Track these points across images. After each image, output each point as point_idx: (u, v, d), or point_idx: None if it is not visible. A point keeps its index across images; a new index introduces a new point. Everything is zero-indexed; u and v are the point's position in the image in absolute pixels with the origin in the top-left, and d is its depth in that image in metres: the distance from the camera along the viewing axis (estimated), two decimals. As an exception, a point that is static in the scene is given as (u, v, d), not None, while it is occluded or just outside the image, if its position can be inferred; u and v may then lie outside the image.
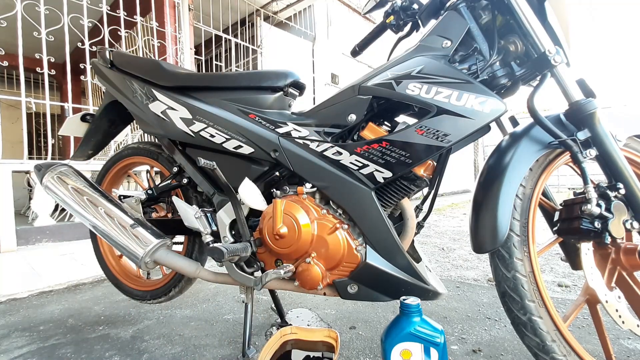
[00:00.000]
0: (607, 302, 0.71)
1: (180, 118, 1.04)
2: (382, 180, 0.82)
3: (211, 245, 0.83)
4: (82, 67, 3.04)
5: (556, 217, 0.80)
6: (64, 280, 1.85)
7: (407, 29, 1.06)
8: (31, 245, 2.57)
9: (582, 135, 0.73)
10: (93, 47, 2.07)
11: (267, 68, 4.45)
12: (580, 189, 0.75)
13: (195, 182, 1.09)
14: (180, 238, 1.29)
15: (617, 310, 0.71)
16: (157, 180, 1.28)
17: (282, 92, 1.00)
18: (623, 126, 0.80)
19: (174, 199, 1.06)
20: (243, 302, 1.04)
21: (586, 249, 0.74)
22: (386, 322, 1.03)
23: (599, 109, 0.72)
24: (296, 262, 0.88)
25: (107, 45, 2.40)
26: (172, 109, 1.05)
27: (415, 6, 1.00)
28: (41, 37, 2.69)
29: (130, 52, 3.22)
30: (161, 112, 1.08)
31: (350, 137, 0.89)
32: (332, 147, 0.85)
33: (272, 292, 1.22)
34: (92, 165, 2.95)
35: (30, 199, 3.09)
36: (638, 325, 0.71)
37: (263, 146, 0.93)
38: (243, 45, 4.47)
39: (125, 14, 3.12)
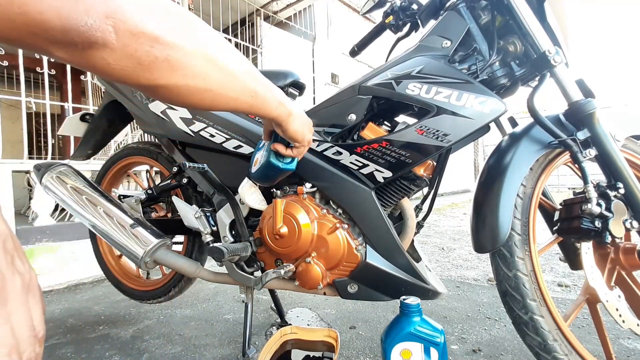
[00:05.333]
0: (607, 301, 0.71)
1: (180, 118, 1.04)
2: (382, 180, 0.82)
3: (211, 245, 0.83)
4: (82, 67, 3.03)
5: (556, 217, 0.80)
6: (64, 280, 1.85)
7: (406, 29, 1.05)
8: (31, 245, 2.57)
9: (582, 135, 0.73)
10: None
11: (267, 68, 4.45)
12: (579, 188, 0.75)
13: (195, 182, 1.09)
14: (180, 238, 1.29)
15: (617, 310, 0.71)
16: (157, 180, 1.28)
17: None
18: (622, 126, 0.80)
19: (174, 198, 1.06)
20: (243, 301, 1.04)
21: (586, 248, 0.74)
22: (386, 322, 1.03)
23: (598, 109, 0.72)
24: (296, 262, 0.88)
25: (107, 45, 2.39)
26: (172, 108, 1.05)
27: (415, 6, 1.00)
28: (41, 37, 2.68)
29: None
30: (161, 112, 1.08)
31: (350, 137, 0.89)
32: (332, 147, 0.85)
33: (272, 292, 1.22)
34: (92, 165, 2.94)
35: (30, 199, 3.09)
36: (638, 325, 0.71)
37: (263, 146, 0.93)
38: (243, 45, 4.46)
39: (125, 13, 3.12)
